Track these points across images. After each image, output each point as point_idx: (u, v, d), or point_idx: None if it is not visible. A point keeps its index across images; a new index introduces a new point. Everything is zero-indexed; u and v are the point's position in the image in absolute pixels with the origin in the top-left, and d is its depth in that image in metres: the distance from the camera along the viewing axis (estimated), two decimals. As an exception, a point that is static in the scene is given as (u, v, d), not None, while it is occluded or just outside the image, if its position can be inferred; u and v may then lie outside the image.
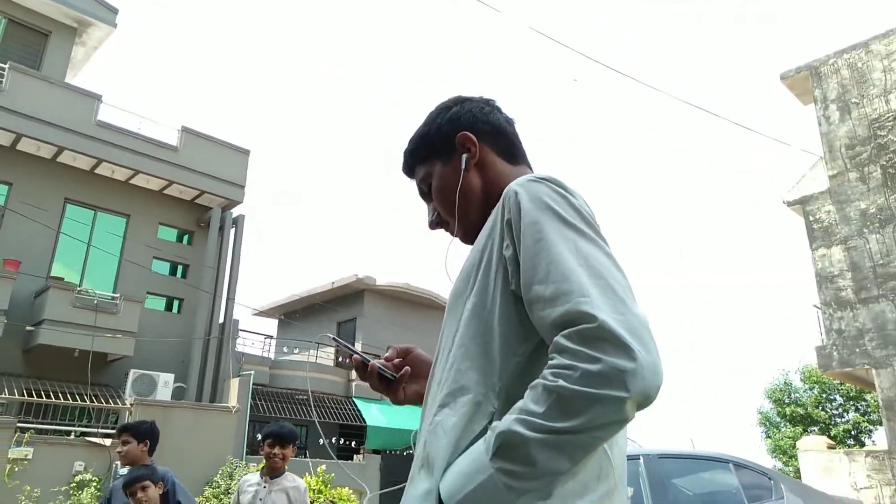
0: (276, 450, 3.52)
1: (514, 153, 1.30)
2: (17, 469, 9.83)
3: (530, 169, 1.31)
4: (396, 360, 1.29)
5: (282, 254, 71.13)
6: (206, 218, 15.29)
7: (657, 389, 0.86)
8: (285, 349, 18.21)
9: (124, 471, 11.13)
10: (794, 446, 19.49)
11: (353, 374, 17.04)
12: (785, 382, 24.32)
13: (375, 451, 15.57)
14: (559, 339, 0.89)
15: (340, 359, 18.03)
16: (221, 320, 14.91)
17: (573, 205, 1.03)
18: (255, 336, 17.62)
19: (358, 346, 18.49)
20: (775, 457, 23.15)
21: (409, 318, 19.38)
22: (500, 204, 1.09)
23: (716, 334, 59.98)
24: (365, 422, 15.65)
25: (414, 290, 19.68)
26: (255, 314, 22.18)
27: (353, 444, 15.40)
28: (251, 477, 3.63)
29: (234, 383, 13.52)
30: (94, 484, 10.01)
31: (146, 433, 3.95)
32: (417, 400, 1.27)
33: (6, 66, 12.61)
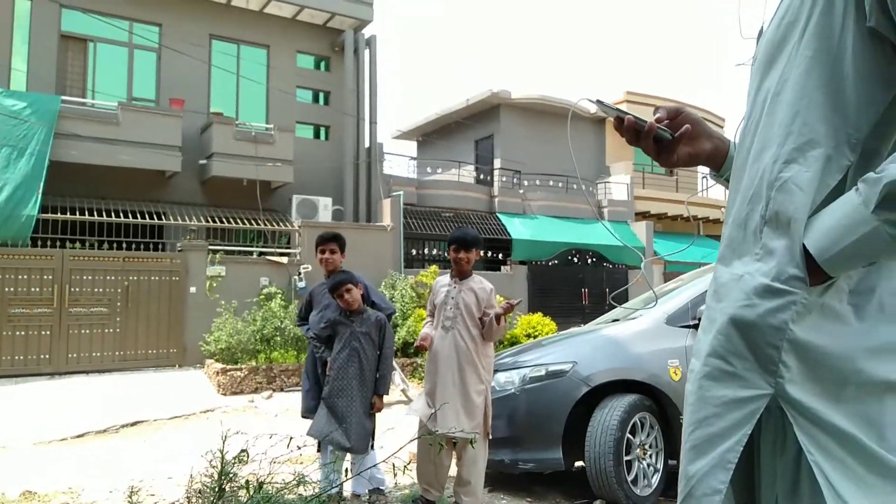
0: (462, 254, 3.69)
1: None
2: (214, 285, 11.31)
3: None
4: (666, 122, 1.19)
5: (415, 74, 70.70)
6: (340, 42, 15.29)
7: None
8: (428, 169, 18.64)
9: (303, 284, 12.29)
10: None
11: (496, 189, 17.27)
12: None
13: (521, 263, 16.16)
14: None
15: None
16: (367, 144, 15.41)
17: None
18: (400, 158, 18.12)
19: (497, 163, 18.54)
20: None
21: (547, 131, 18.91)
22: None
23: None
24: (509, 235, 16.09)
25: (550, 101, 18.95)
26: (396, 137, 22.66)
27: (500, 255, 16.03)
28: (443, 279, 3.87)
29: (386, 204, 14.23)
30: (280, 295, 11.33)
31: (344, 244, 4.27)
32: (690, 162, 1.20)
33: None
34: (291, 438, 2.12)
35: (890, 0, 0.84)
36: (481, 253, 3.86)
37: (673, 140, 1.17)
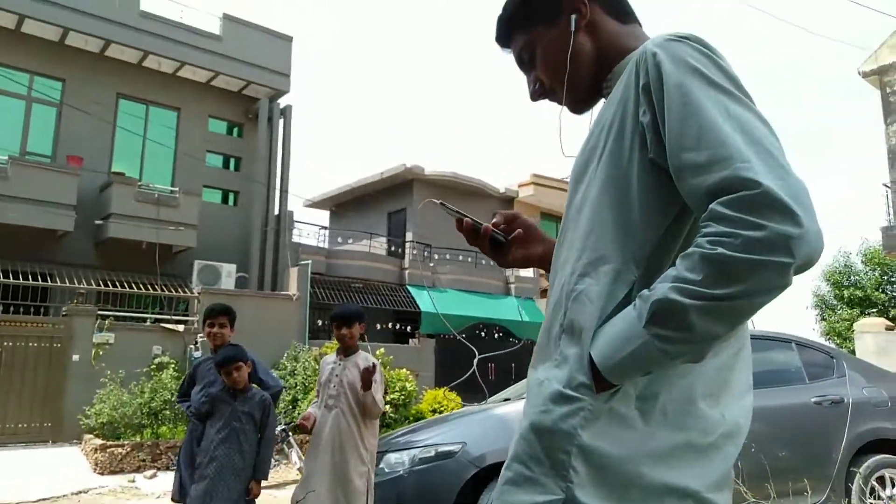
0: (344, 330, 3.66)
1: (624, 10, 1.21)
2: (101, 353, 10.60)
3: (641, 27, 1.22)
4: (502, 226, 1.29)
5: (331, 145, 71.25)
6: (255, 109, 15.29)
7: (819, 255, 0.85)
8: (339, 239, 18.59)
9: (198, 353, 11.69)
10: (849, 329, 19.28)
11: (406, 262, 17.37)
12: (845, 265, 23.61)
13: (430, 336, 16.13)
14: (716, 206, 0.86)
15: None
16: (276, 212, 15.23)
17: (720, 66, 0.97)
18: (311, 227, 17.99)
19: (409, 236, 18.72)
20: (829, 339, 22.96)
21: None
22: (631, 67, 1.03)
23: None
24: (419, 308, 16.10)
25: (462, 179, 19.51)
26: (307, 205, 22.52)
27: (409, 328, 15.95)
28: (329, 357, 3.82)
29: (294, 272, 13.97)
30: (172, 366, 10.72)
31: (234, 318, 4.13)
32: (523, 263, 1.30)
33: (45, -43, 12.37)
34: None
35: (663, 137, 0.95)
36: (366, 326, 3.79)
37: (507, 242, 1.27)
